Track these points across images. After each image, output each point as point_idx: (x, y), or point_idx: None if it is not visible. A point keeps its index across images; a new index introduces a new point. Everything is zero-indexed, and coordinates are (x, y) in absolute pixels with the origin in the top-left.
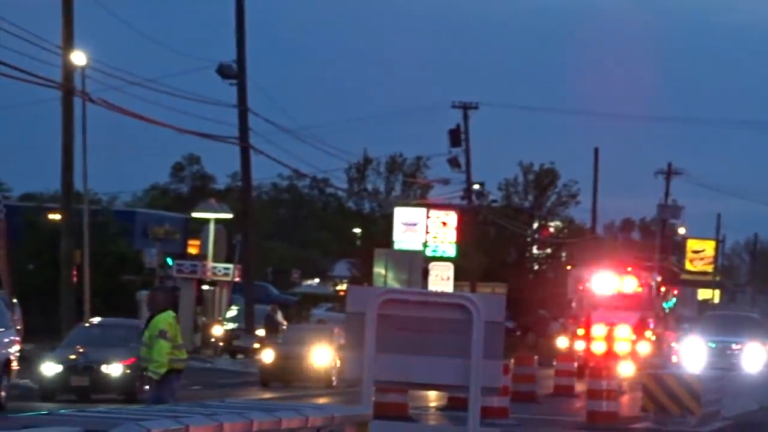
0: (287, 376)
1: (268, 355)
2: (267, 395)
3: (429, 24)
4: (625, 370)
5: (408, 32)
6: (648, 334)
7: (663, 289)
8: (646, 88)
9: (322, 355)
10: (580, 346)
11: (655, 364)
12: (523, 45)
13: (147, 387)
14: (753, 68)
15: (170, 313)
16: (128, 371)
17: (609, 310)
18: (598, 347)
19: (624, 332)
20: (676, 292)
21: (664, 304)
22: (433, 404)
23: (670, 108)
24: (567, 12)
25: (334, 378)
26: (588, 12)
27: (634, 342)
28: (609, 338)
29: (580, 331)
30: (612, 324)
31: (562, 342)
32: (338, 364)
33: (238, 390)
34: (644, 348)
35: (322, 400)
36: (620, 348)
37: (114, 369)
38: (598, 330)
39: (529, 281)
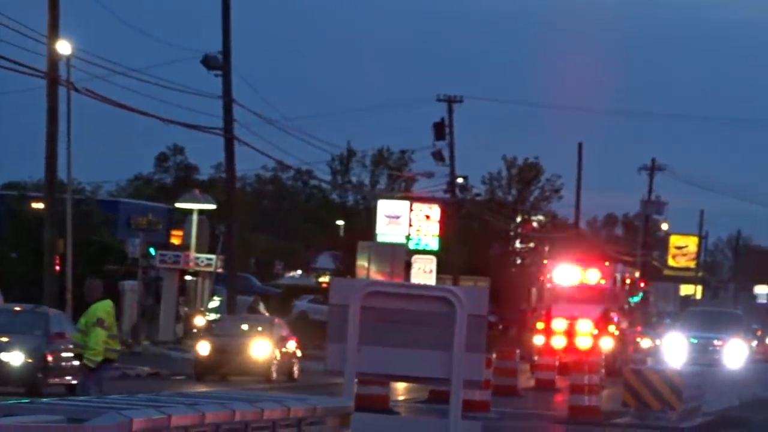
0: (223, 370)
1: (203, 348)
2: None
3: (415, 17)
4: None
5: (394, 25)
6: (611, 328)
7: (628, 281)
8: (630, 83)
9: (261, 348)
10: (539, 340)
11: (635, 359)
12: (509, 39)
13: (76, 381)
14: (737, 65)
15: (108, 302)
16: (30, 360)
17: (570, 303)
18: (558, 342)
19: (585, 326)
20: (643, 285)
21: (630, 299)
22: (401, 397)
23: (654, 104)
24: (551, 6)
25: (274, 372)
26: (572, 6)
27: (596, 337)
28: (569, 332)
29: (540, 325)
30: (573, 318)
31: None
32: (279, 357)
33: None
34: (607, 343)
35: None
36: (581, 343)
37: (14, 358)
38: (558, 324)
39: (512, 275)
